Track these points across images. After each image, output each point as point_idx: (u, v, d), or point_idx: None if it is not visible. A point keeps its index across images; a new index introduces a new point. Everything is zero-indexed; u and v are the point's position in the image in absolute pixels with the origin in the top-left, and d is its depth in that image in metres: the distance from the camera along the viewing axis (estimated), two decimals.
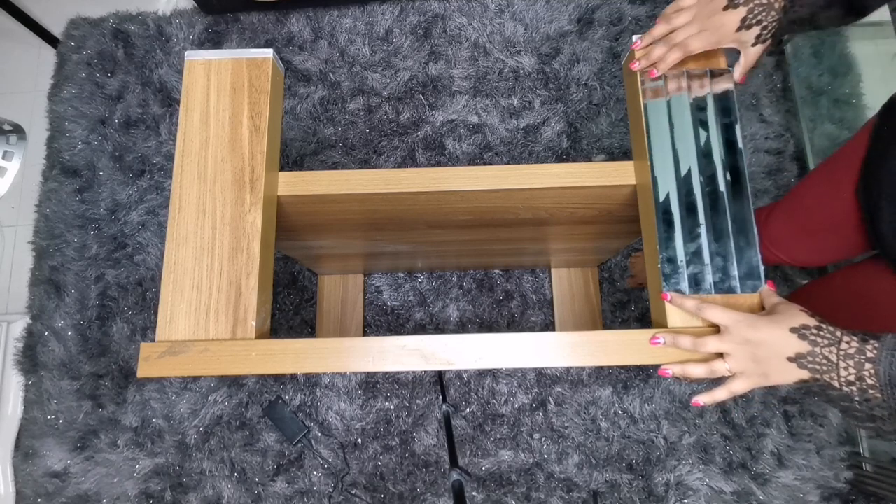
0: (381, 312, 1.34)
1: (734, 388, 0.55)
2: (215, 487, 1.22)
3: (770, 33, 0.62)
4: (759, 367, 0.54)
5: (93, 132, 1.46)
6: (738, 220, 0.63)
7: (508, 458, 1.23)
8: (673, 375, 0.58)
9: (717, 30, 0.63)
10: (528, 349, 0.60)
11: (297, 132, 1.43)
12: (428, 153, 1.40)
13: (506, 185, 0.70)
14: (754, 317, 0.55)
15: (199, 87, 0.71)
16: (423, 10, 1.50)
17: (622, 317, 1.31)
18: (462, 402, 1.26)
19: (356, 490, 1.22)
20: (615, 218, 0.83)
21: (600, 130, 1.40)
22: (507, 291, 1.34)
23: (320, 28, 1.50)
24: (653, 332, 0.60)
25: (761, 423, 1.22)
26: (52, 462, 1.26)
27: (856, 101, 1.39)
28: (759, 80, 1.42)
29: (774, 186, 1.35)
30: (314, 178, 0.71)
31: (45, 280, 1.36)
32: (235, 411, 1.27)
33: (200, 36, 1.51)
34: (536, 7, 1.48)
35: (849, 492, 1.20)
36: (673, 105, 0.67)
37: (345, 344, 0.61)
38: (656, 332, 0.59)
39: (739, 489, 1.19)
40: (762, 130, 1.39)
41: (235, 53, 0.71)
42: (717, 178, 0.65)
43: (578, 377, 1.27)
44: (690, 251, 0.63)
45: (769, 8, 0.61)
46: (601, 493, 1.20)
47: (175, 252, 0.65)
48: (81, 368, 1.31)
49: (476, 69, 1.46)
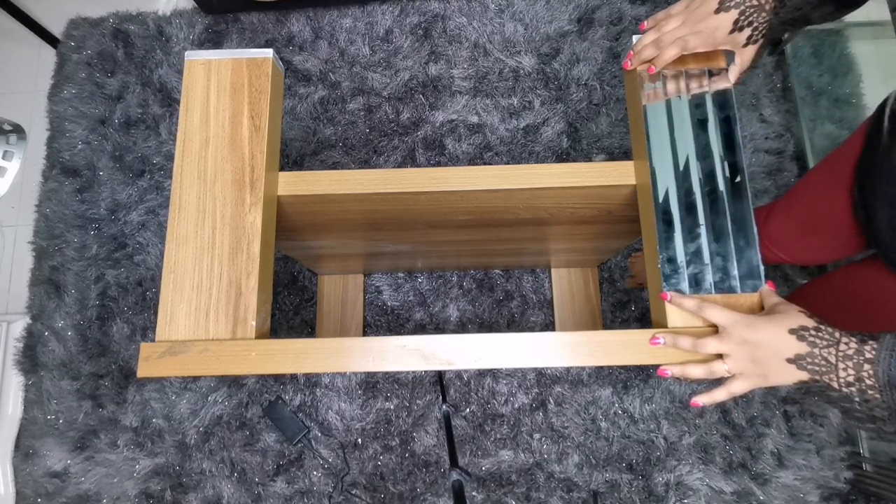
0: (381, 312, 1.34)
1: (733, 388, 0.55)
2: (215, 487, 1.22)
3: (761, 34, 0.62)
4: (757, 367, 0.54)
5: (93, 132, 1.46)
6: (738, 220, 0.63)
7: (508, 458, 1.23)
8: (672, 376, 0.58)
9: (712, 33, 0.63)
10: (528, 349, 0.60)
11: (297, 132, 1.43)
12: (428, 153, 1.40)
13: (506, 185, 0.70)
14: (753, 317, 0.55)
15: (199, 87, 0.71)
16: (423, 11, 1.50)
17: (622, 317, 1.31)
18: (462, 402, 1.26)
19: (356, 490, 1.22)
20: (615, 218, 0.83)
21: (600, 130, 1.40)
22: (507, 291, 1.34)
23: (320, 28, 1.50)
24: (653, 332, 0.60)
25: (761, 423, 1.22)
26: (52, 462, 1.26)
27: (856, 101, 1.39)
28: (759, 80, 1.42)
29: (774, 186, 1.35)
30: (314, 178, 0.71)
31: (45, 280, 1.36)
32: (235, 411, 1.27)
33: (200, 36, 1.51)
34: (536, 7, 1.48)
35: (849, 492, 1.20)
36: (672, 105, 0.67)
37: (345, 344, 0.61)
38: (656, 332, 0.59)
39: (739, 489, 1.19)
40: (762, 130, 1.39)
41: (235, 53, 0.71)
42: (716, 177, 0.65)
43: (578, 377, 1.27)
44: (690, 251, 0.63)
45: (760, 9, 0.61)
46: (601, 493, 1.20)
47: (175, 252, 0.65)
48: (81, 368, 1.31)
49: (476, 69, 1.46)
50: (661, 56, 0.65)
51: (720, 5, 0.62)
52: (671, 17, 0.66)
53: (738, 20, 0.62)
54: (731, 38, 0.63)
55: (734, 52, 0.65)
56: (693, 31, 0.64)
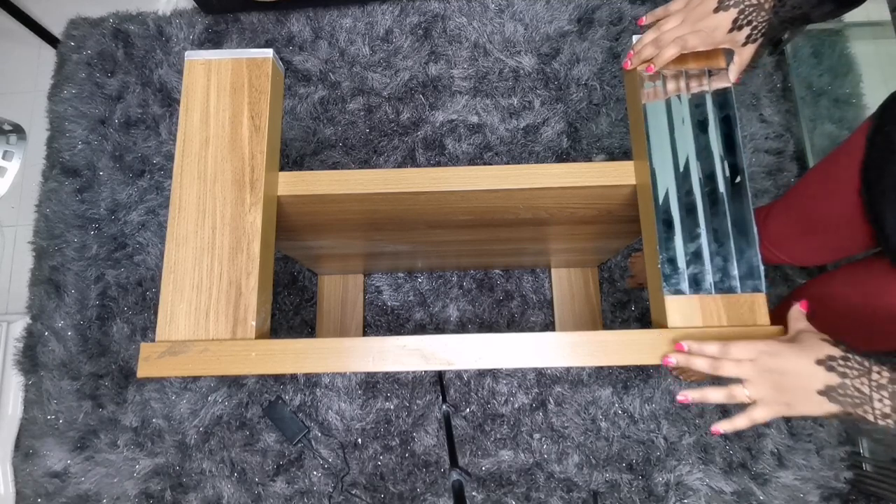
0: (380, 312, 1.34)
1: (755, 416, 0.53)
2: (215, 487, 1.22)
3: (760, 33, 0.62)
4: (782, 396, 0.52)
5: (93, 132, 1.46)
6: (738, 221, 0.63)
7: (508, 458, 1.23)
8: (692, 402, 0.56)
9: (711, 32, 0.63)
10: (528, 349, 0.60)
11: (296, 132, 1.43)
12: (428, 153, 1.40)
13: (506, 185, 0.70)
14: (777, 345, 0.53)
15: (199, 87, 0.71)
16: (423, 10, 1.50)
17: (622, 317, 1.31)
18: (462, 402, 1.26)
19: (356, 490, 1.22)
20: (615, 218, 0.83)
21: (600, 130, 1.40)
22: (507, 291, 1.34)
23: (320, 28, 1.50)
24: (653, 332, 0.60)
25: (761, 424, 1.22)
26: (52, 462, 1.26)
27: (856, 101, 1.39)
28: (759, 80, 1.42)
29: (774, 186, 1.35)
30: (314, 178, 0.71)
31: (45, 280, 1.36)
32: (235, 411, 1.27)
33: (200, 36, 1.51)
34: (536, 7, 1.48)
35: (849, 492, 1.20)
36: (672, 105, 0.67)
37: (345, 344, 0.61)
38: (669, 350, 0.57)
39: (739, 489, 1.19)
40: (762, 130, 1.39)
41: (235, 53, 0.72)
42: (716, 177, 0.65)
43: (578, 377, 1.27)
44: (690, 251, 0.63)
45: (759, 8, 0.61)
46: (601, 493, 1.20)
47: (175, 252, 0.65)
48: (81, 368, 1.31)
49: (476, 69, 1.46)
50: (661, 55, 0.65)
51: (719, 4, 0.62)
52: (670, 17, 0.66)
53: (738, 19, 0.62)
54: (730, 37, 0.63)
55: (733, 51, 0.65)
56: (692, 30, 0.64)
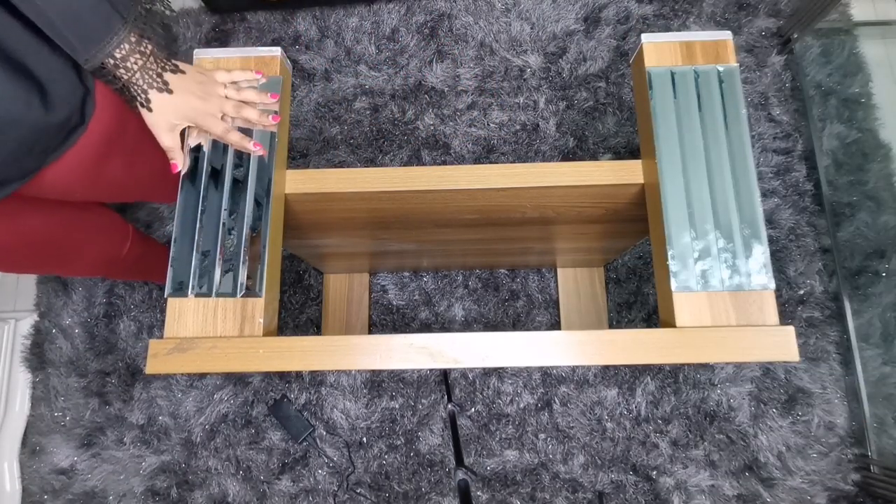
0: (386, 311, 1.34)
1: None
2: (221, 485, 1.23)
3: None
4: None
5: None
6: (747, 218, 0.63)
7: (513, 457, 1.22)
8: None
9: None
10: (535, 348, 0.60)
11: (302, 131, 1.44)
12: (433, 153, 1.40)
13: (513, 184, 0.70)
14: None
15: None
16: (429, 9, 1.50)
17: (628, 317, 1.31)
18: (467, 401, 1.26)
19: (361, 489, 1.22)
20: (622, 217, 0.83)
21: (607, 130, 1.40)
22: (512, 291, 1.34)
23: (326, 27, 1.50)
24: (661, 331, 0.59)
25: (768, 426, 1.22)
26: (59, 459, 1.27)
27: (865, 100, 1.38)
28: (767, 79, 1.41)
29: (783, 186, 1.35)
30: (322, 176, 0.71)
31: (52, 277, 1.37)
32: (241, 409, 1.27)
33: (207, 35, 1.51)
34: (543, 6, 1.48)
35: (856, 494, 1.19)
36: (681, 104, 0.67)
37: (352, 342, 0.61)
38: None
39: (746, 492, 1.18)
40: (771, 130, 1.38)
41: (244, 52, 0.72)
42: (723, 176, 0.64)
43: (584, 377, 1.26)
44: (699, 248, 0.62)
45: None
46: (606, 494, 1.19)
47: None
48: (88, 366, 1.31)
49: (482, 68, 1.45)
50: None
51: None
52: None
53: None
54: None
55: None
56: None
